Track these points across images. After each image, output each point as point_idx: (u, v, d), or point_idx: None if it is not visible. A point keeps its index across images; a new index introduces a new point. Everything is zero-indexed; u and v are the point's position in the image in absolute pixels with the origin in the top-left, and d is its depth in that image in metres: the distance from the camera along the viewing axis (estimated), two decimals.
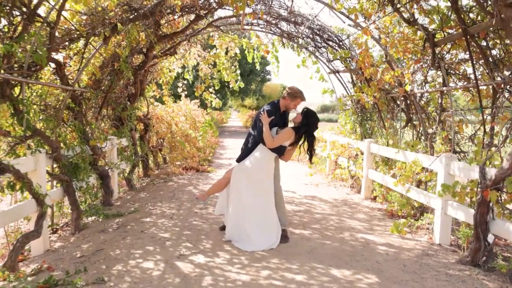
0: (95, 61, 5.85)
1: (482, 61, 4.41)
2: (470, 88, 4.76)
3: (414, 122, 6.15)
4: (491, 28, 3.88)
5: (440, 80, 5.50)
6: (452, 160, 4.66)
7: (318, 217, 5.98)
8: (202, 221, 5.67)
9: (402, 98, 6.12)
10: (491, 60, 3.98)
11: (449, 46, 4.85)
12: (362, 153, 7.85)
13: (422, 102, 5.76)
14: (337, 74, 8.31)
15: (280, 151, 4.70)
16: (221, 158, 13.69)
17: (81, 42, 5.24)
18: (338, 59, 7.60)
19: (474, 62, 4.35)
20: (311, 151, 4.83)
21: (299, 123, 4.66)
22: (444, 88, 4.77)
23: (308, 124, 4.65)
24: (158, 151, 11.19)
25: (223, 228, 5.11)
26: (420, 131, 5.84)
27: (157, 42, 6.54)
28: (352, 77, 7.91)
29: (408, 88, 5.25)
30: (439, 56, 4.63)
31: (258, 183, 4.67)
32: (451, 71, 4.91)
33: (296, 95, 4.72)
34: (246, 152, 4.82)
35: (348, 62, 7.40)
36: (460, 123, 5.28)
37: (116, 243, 4.68)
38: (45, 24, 4.07)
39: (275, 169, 4.83)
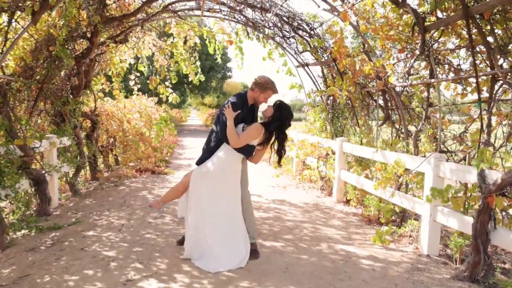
0: (24, 43, 4.87)
1: (478, 49, 3.91)
2: (460, 80, 4.25)
3: (393, 119, 5.62)
4: (494, 9, 3.38)
5: (424, 72, 4.99)
6: (442, 161, 4.14)
7: (290, 225, 5.32)
8: (156, 233, 4.84)
9: (379, 93, 5.58)
10: (494, 46, 3.46)
11: (436, 34, 4.33)
12: (333, 153, 7.29)
13: (402, 97, 5.23)
14: (306, 67, 7.70)
15: (247, 152, 3.97)
16: (179, 158, 12.80)
17: (4, 19, 4.27)
18: (308, 50, 6.98)
19: (466, 49, 3.85)
20: (280, 152, 4.12)
21: (270, 118, 3.95)
22: (433, 80, 4.24)
23: (280, 119, 3.94)
24: (109, 151, 10.16)
25: (181, 242, 4.32)
26: (400, 128, 5.32)
27: (103, 25, 5.62)
28: (323, 71, 7.32)
29: (392, 80, 4.70)
30: (429, 43, 4.09)
31: (222, 188, 3.92)
32: (440, 61, 4.38)
33: (266, 86, 4.00)
34: (207, 152, 4.06)
35: (319, 53, 6.79)
36: (443, 119, 4.78)
37: (47, 265, 3.78)
38: None
39: (242, 172, 4.10)
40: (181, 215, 4.31)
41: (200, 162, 4.06)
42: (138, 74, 8.67)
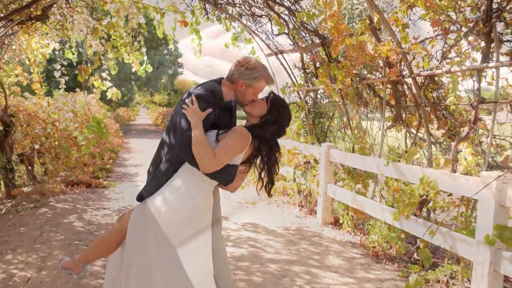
0: None
1: None
2: None
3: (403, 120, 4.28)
4: None
5: (451, 56, 3.66)
6: (509, 184, 2.81)
7: (275, 270, 3.81)
8: None
9: (388, 86, 4.23)
10: None
11: None
12: (316, 162, 5.88)
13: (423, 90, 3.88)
14: (280, 56, 6.22)
15: (226, 176, 2.37)
16: (124, 165, 10.91)
17: None
18: (285, 33, 5.50)
19: None
20: (271, 173, 2.56)
21: (262, 118, 2.41)
22: (492, 64, 2.91)
23: (277, 122, 2.41)
24: (32, 160, 8.14)
25: None
26: (416, 133, 3.99)
27: None
28: (302, 59, 5.87)
29: (427, 65, 3.34)
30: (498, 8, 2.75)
31: (180, 241, 2.33)
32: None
33: (257, 74, 2.38)
34: (157, 179, 2.43)
35: (301, 37, 5.34)
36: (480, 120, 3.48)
37: None
38: None
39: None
40: None
41: (143, 196, 2.42)
42: (66, 63, 6.78)
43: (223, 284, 2.53)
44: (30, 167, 8.09)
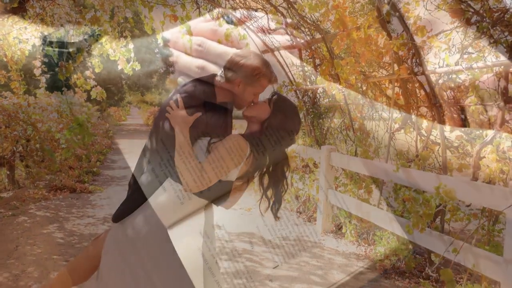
0: None
1: None
2: None
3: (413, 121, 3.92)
4: None
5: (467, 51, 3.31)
6: None
7: None
8: None
9: (396, 84, 3.87)
10: None
11: None
12: (315, 166, 5.53)
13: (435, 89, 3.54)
14: (276, 52, 5.84)
15: (217, 196, 1.99)
16: (112, 167, 10.46)
17: None
18: (283, 28, 5.13)
19: None
20: (278, 190, 2.17)
21: (264, 123, 2.01)
22: None
23: (283, 127, 2.01)
24: (13, 163, 7.68)
25: None
26: (433, 135, 3.64)
27: None
28: (301, 56, 5.51)
29: (449, 60, 2.99)
30: None
31: (163, 269, 1.94)
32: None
33: (257, 71, 1.98)
34: (136, 195, 2.03)
35: (300, 31, 4.97)
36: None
37: None
38: None
39: (204, 231, 2.12)
40: None
41: (120, 215, 2.02)
42: (47, 60, 6.34)
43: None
44: (9, 172, 7.64)
